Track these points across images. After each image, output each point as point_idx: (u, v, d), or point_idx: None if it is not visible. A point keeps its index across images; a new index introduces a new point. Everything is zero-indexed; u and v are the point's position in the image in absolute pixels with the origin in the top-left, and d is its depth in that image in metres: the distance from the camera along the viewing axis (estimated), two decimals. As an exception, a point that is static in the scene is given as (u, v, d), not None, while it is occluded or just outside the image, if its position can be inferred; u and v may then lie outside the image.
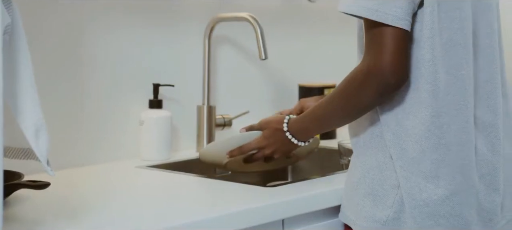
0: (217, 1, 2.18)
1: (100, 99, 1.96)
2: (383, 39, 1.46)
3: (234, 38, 2.23)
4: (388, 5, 1.45)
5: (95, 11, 1.94)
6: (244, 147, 1.72)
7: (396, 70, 1.46)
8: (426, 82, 1.50)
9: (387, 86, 1.47)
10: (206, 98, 2.12)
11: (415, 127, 1.51)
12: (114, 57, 1.98)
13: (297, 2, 2.37)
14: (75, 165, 1.90)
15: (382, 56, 1.45)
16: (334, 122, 1.61)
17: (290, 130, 1.66)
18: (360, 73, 1.49)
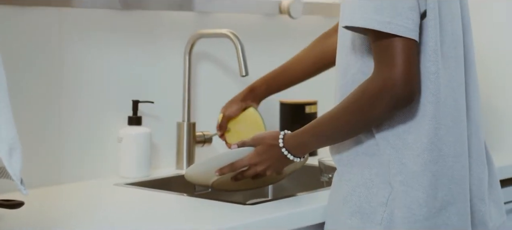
0: (197, 17, 2.17)
1: (78, 115, 1.94)
2: (395, 52, 1.45)
3: (214, 54, 2.22)
4: (400, 17, 1.44)
5: (74, 27, 1.92)
6: (236, 164, 1.67)
7: (410, 82, 1.45)
8: (431, 95, 1.50)
9: (401, 99, 1.46)
10: (187, 115, 2.10)
11: (417, 140, 1.50)
12: (92, 73, 1.96)
13: (278, 18, 2.36)
14: (52, 183, 1.87)
15: (395, 69, 1.45)
16: (339, 137, 1.57)
17: (286, 146, 1.62)
18: (372, 87, 1.47)
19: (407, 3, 1.45)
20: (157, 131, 2.07)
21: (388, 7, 1.44)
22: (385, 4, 1.45)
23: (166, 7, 2.08)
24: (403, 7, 1.45)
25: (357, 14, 1.46)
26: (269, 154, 1.65)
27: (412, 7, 1.45)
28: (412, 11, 1.45)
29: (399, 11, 1.44)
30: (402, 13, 1.44)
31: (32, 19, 1.84)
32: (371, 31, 1.46)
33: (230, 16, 2.24)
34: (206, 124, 2.17)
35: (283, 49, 2.38)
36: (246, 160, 1.67)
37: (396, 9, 1.44)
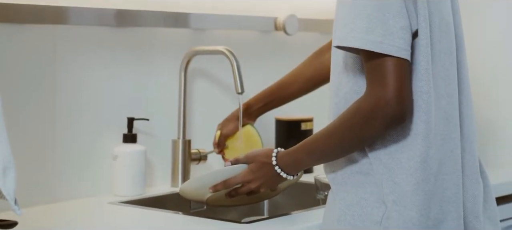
0: (193, 34, 2.16)
1: (73, 133, 1.93)
2: (387, 71, 1.45)
3: (210, 71, 2.21)
4: (391, 37, 1.44)
5: (68, 44, 1.91)
6: (229, 181, 1.67)
7: (402, 101, 1.46)
8: (423, 113, 1.50)
9: (394, 118, 1.46)
10: (182, 132, 2.09)
11: (411, 159, 1.50)
12: (87, 91, 1.95)
13: (273, 35, 2.36)
14: (46, 202, 1.86)
15: (387, 88, 1.45)
16: (333, 155, 1.56)
17: (279, 163, 1.62)
18: (365, 107, 1.47)
19: (399, 23, 1.45)
20: (152, 148, 2.06)
21: (379, 27, 1.45)
22: (376, 24, 1.45)
23: (161, 24, 2.07)
24: (394, 27, 1.45)
25: (349, 34, 1.47)
26: (262, 172, 1.64)
27: (404, 27, 1.46)
28: (403, 31, 1.45)
29: (391, 30, 1.45)
30: (393, 32, 1.45)
31: (26, 36, 1.83)
32: (363, 51, 1.47)
33: (225, 33, 2.24)
34: (202, 141, 2.16)
35: (279, 65, 2.38)
36: (239, 177, 1.66)
37: (387, 29, 1.45)
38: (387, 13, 1.45)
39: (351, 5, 1.47)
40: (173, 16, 2.09)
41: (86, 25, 1.93)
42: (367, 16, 1.45)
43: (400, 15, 1.45)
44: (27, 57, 1.84)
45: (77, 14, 1.90)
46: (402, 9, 1.46)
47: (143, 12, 2.03)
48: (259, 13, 2.31)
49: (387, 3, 1.45)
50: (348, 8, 1.47)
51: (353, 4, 1.47)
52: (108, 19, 1.96)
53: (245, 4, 2.27)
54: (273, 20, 2.33)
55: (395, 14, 1.45)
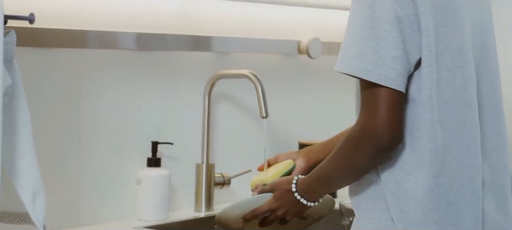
0: (216, 58, 2.16)
1: (97, 157, 1.92)
2: (376, 100, 1.45)
3: (234, 95, 2.20)
4: (382, 66, 1.44)
5: (94, 68, 1.91)
6: (257, 211, 1.69)
7: (390, 131, 1.44)
8: (427, 142, 1.48)
9: (381, 147, 1.45)
10: (205, 156, 2.08)
11: (417, 188, 1.48)
12: (112, 115, 1.95)
13: (297, 59, 2.35)
14: (70, 226, 1.85)
15: (375, 117, 1.44)
16: (336, 182, 1.59)
17: (298, 190, 1.63)
18: (354, 134, 1.48)
19: (391, 53, 1.44)
20: (176, 172, 2.05)
21: (371, 55, 1.44)
22: (368, 52, 1.44)
23: (184, 47, 2.07)
24: (386, 56, 1.44)
25: (343, 59, 1.47)
26: (285, 199, 1.65)
27: (396, 57, 1.44)
28: (395, 61, 1.44)
29: (382, 60, 1.44)
30: (385, 62, 1.44)
31: (52, 60, 1.83)
32: (359, 78, 1.46)
33: (248, 56, 2.23)
34: (226, 166, 2.15)
35: (302, 89, 2.37)
36: (266, 206, 1.68)
37: (379, 57, 1.44)
38: (381, 42, 1.44)
39: (348, 31, 1.48)
40: (196, 39, 2.09)
41: (110, 49, 1.93)
42: (360, 43, 1.45)
43: (393, 45, 1.44)
44: (53, 81, 1.84)
45: (102, 38, 1.90)
46: (397, 39, 1.44)
47: (167, 35, 2.03)
48: (283, 36, 2.30)
49: (381, 32, 1.44)
50: (346, 34, 1.48)
51: (350, 30, 1.47)
52: (132, 43, 1.96)
53: (268, 28, 2.27)
54: (297, 44, 2.32)
55: (389, 43, 1.44)
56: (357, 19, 1.46)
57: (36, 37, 1.78)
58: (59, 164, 1.85)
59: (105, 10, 1.93)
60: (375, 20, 1.44)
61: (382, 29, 1.44)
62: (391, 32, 1.44)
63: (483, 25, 1.61)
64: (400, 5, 1.45)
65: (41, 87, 1.81)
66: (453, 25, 1.51)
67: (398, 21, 1.45)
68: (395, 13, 1.44)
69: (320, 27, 2.39)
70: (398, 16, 1.45)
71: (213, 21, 2.14)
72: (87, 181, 1.90)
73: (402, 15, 1.45)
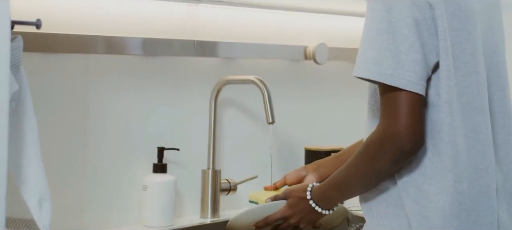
0: (222, 63, 2.15)
1: (104, 163, 1.91)
2: (397, 104, 1.44)
3: (240, 100, 2.20)
4: (402, 70, 1.43)
5: (100, 73, 1.91)
6: (270, 218, 1.68)
7: (412, 135, 1.44)
8: (447, 147, 1.47)
9: (403, 152, 1.45)
10: (212, 162, 2.07)
11: (439, 193, 1.47)
12: (118, 120, 1.94)
13: (304, 64, 2.34)
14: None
15: (397, 121, 1.44)
16: (354, 189, 1.57)
17: (313, 198, 1.62)
18: (376, 139, 1.47)
19: (410, 56, 1.44)
20: (182, 178, 2.04)
21: (390, 59, 1.44)
22: (387, 56, 1.44)
23: (191, 53, 2.06)
24: (406, 60, 1.43)
25: (361, 64, 1.46)
26: (299, 207, 1.64)
27: (416, 61, 1.44)
28: (415, 64, 1.44)
29: (402, 63, 1.43)
30: (405, 65, 1.43)
31: (58, 65, 1.83)
32: (378, 82, 1.46)
33: (254, 62, 2.22)
34: (232, 171, 2.14)
35: (308, 95, 2.36)
36: (279, 214, 1.67)
37: (399, 61, 1.43)
38: (399, 46, 1.43)
39: (364, 36, 1.47)
40: (203, 45, 2.08)
41: (117, 54, 1.92)
42: (379, 47, 1.44)
43: (412, 49, 1.44)
44: (59, 86, 1.83)
45: (108, 43, 1.90)
46: (415, 43, 1.44)
47: (173, 41, 2.03)
48: (289, 42, 2.29)
49: (400, 35, 1.44)
50: (363, 39, 1.47)
51: (367, 35, 1.46)
52: (138, 48, 1.96)
53: (274, 33, 2.26)
54: (303, 49, 2.32)
55: (408, 47, 1.44)
56: (374, 24, 1.45)
57: (43, 42, 1.78)
58: (65, 169, 1.85)
59: (112, 16, 1.92)
60: (393, 24, 1.44)
61: (401, 33, 1.43)
62: (409, 36, 1.44)
63: (494, 30, 1.60)
64: (418, 9, 1.45)
65: (47, 92, 1.81)
66: (466, 29, 1.51)
67: (416, 24, 1.44)
68: (413, 17, 1.44)
69: (326, 32, 2.38)
70: (416, 19, 1.44)
71: (219, 27, 2.14)
72: (93, 186, 1.90)
73: (420, 18, 1.44)
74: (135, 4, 1.96)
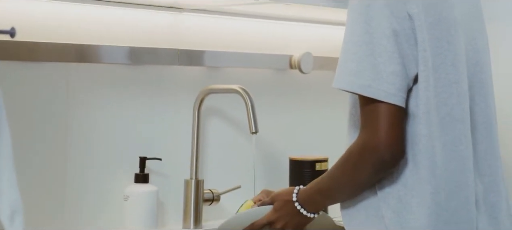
0: (207, 72, 2.14)
1: (84, 172, 1.90)
2: (377, 116, 1.44)
3: (224, 110, 2.18)
4: (380, 81, 1.43)
5: (82, 82, 1.89)
6: (256, 224, 1.67)
7: (392, 146, 1.44)
8: (425, 158, 1.47)
9: (383, 163, 1.44)
10: (194, 172, 2.05)
11: (418, 205, 1.47)
12: (100, 130, 1.92)
13: (288, 73, 2.33)
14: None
15: (376, 133, 1.43)
16: (337, 196, 1.58)
17: (299, 200, 1.62)
18: (356, 150, 1.47)
19: (389, 67, 1.43)
20: (164, 188, 2.03)
21: (369, 71, 1.43)
22: (366, 67, 1.44)
23: (175, 62, 2.05)
24: (385, 71, 1.43)
25: (340, 76, 1.46)
26: (285, 210, 1.64)
27: (395, 72, 1.44)
28: (394, 76, 1.43)
29: (381, 75, 1.43)
30: (383, 77, 1.43)
31: (39, 74, 1.81)
32: (357, 94, 1.45)
33: (240, 71, 2.21)
34: (215, 182, 2.12)
35: (294, 104, 2.35)
36: (265, 219, 1.67)
37: (377, 73, 1.43)
38: (378, 57, 1.43)
39: (344, 47, 1.47)
40: (187, 54, 2.07)
41: (99, 63, 1.91)
42: (358, 59, 1.44)
43: (391, 60, 1.43)
44: (40, 95, 1.82)
45: (91, 52, 1.88)
46: (394, 54, 1.44)
47: (157, 49, 2.01)
48: (274, 51, 2.28)
49: (379, 47, 1.43)
50: (343, 51, 1.47)
51: (347, 47, 1.46)
52: (121, 57, 1.94)
53: (260, 42, 2.25)
54: (288, 58, 2.30)
55: (387, 58, 1.43)
56: (354, 35, 1.45)
57: (24, 51, 1.77)
58: (45, 179, 1.83)
59: (94, 24, 1.91)
60: (372, 35, 1.43)
61: (380, 44, 1.43)
62: (388, 47, 1.43)
63: (477, 41, 1.60)
64: (397, 20, 1.44)
65: (26, 103, 1.79)
66: (447, 40, 1.50)
67: (395, 35, 1.44)
68: (392, 28, 1.43)
69: (312, 42, 2.37)
70: (395, 30, 1.44)
71: (203, 36, 2.12)
72: (75, 196, 1.88)
73: (399, 29, 1.44)
74: (117, 12, 1.95)
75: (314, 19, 2.33)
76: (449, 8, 1.52)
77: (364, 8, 1.45)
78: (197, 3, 2.01)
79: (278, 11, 2.17)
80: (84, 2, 1.88)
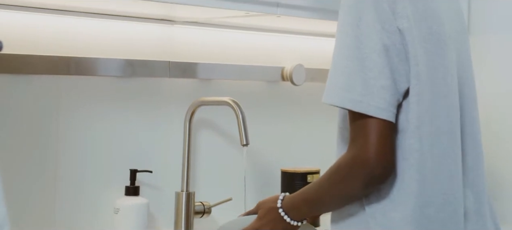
0: (198, 84, 2.14)
1: (75, 185, 1.89)
2: (367, 130, 1.43)
3: (215, 122, 2.18)
4: (371, 96, 1.42)
5: (72, 95, 1.89)
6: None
7: (382, 162, 1.43)
8: (415, 172, 1.47)
9: (373, 178, 1.44)
10: (185, 184, 2.05)
11: (404, 218, 1.46)
12: (90, 141, 1.92)
13: (281, 85, 2.33)
14: (46, 256, 1.82)
15: (367, 148, 1.43)
16: (323, 207, 1.58)
17: (283, 207, 1.61)
18: (345, 164, 1.46)
19: (379, 82, 1.43)
20: (155, 200, 2.02)
21: (359, 86, 1.43)
22: (356, 82, 1.43)
23: (166, 74, 2.04)
24: (375, 86, 1.43)
25: (330, 91, 1.46)
26: (268, 217, 1.63)
27: (385, 86, 1.43)
28: (384, 91, 1.43)
29: (371, 90, 1.43)
30: (374, 92, 1.43)
31: (29, 87, 1.81)
32: (347, 108, 1.45)
33: (231, 83, 2.21)
34: (206, 194, 2.12)
35: (286, 116, 2.35)
36: (249, 227, 1.66)
37: (367, 88, 1.43)
38: (369, 72, 1.43)
39: (334, 62, 1.47)
40: (178, 66, 2.07)
41: (90, 75, 1.91)
42: (348, 74, 1.44)
43: (382, 75, 1.43)
44: (30, 108, 1.81)
45: (80, 64, 1.88)
46: (385, 69, 1.43)
47: (148, 62, 2.01)
48: (266, 63, 2.28)
49: (369, 61, 1.43)
50: (333, 65, 1.47)
51: (337, 62, 1.46)
52: (113, 69, 1.94)
53: (251, 54, 2.25)
54: (280, 70, 2.30)
55: (377, 73, 1.43)
56: (344, 50, 1.45)
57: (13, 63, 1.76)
58: (36, 192, 1.82)
59: (84, 36, 1.91)
60: (362, 50, 1.43)
61: (370, 59, 1.43)
62: (379, 62, 1.43)
63: (463, 54, 1.60)
64: (387, 35, 1.44)
65: (16, 115, 1.79)
66: (438, 54, 1.50)
67: (385, 50, 1.43)
68: (382, 43, 1.43)
69: (303, 54, 2.37)
70: (386, 45, 1.43)
71: (195, 48, 2.12)
72: (65, 209, 1.87)
73: (389, 44, 1.44)
74: (108, 25, 1.95)
75: (305, 31, 2.33)
76: (439, 22, 1.53)
77: (355, 22, 1.45)
78: (189, 15, 2.01)
79: (270, 23, 2.17)
80: (75, 14, 1.88)
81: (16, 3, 1.77)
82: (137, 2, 1.75)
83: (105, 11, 1.91)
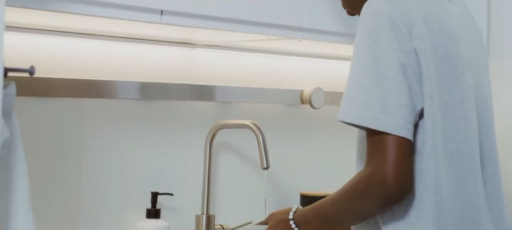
0: (218, 107, 2.14)
1: (97, 208, 1.89)
2: (385, 148, 1.42)
3: (235, 145, 2.18)
4: (389, 114, 1.42)
5: (94, 118, 1.90)
6: None
7: (399, 180, 1.42)
8: (432, 194, 1.46)
9: (390, 197, 1.42)
10: (206, 207, 2.05)
11: None
12: (112, 164, 1.93)
13: (299, 108, 2.34)
14: (68, 278, 1.82)
15: (385, 166, 1.41)
16: (337, 223, 1.56)
17: (295, 219, 1.61)
18: (363, 182, 1.45)
19: (398, 100, 1.43)
20: (175, 223, 2.02)
21: (377, 104, 1.42)
22: (375, 100, 1.43)
23: (187, 97, 2.05)
24: (393, 104, 1.42)
25: (347, 109, 1.45)
26: (279, 228, 1.64)
27: (403, 105, 1.43)
28: (403, 109, 1.42)
29: (389, 108, 1.42)
30: (392, 110, 1.42)
31: (53, 110, 1.82)
32: (365, 127, 1.44)
33: (251, 106, 2.21)
34: (226, 217, 2.12)
35: (305, 139, 2.35)
36: None
37: (386, 106, 1.42)
38: (387, 90, 1.42)
39: (351, 81, 1.46)
40: (199, 89, 2.08)
41: (113, 98, 1.92)
42: (366, 92, 1.43)
43: (400, 93, 1.43)
44: (52, 130, 1.82)
45: (103, 88, 1.89)
46: (403, 87, 1.43)
47: (169, 85, 2.02)
48: (285, 86, 2.29)
49: (387, 80, 1.43)
50: (350, 84, 1.46)
51: (354, 81, 1.45)
52: (133, 92, 1.95)
53: (271, 77, 2.26)
54: (299, 93, 2.31)
55: (396, 92, 1.42)
56: (361, 69, 1.45)
57: (38, 87, 1.77)
58: (58, 214, 1.83)
59: (106, 60, 1.92)
60: (380, 69, 1.43)
61: (388, 78, 1.42)
62: (397, 80, 1.43)
63: (482, 78, 1.60)
64: (404, 54, 1.44)
65: (39, 138, 1.80)
66: (455, 76, 1.50)
67: (403, 69, 1.43)
68: (400, 62, 1.43)
69: (322, 77, 2.38)
70: (403, 64, 1.44)
71: (215, 71, 2.13)
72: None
73: (406, 63, 1.44)
74: (130, 48, 1.96)
75: (325, 54, 2.34)
76: (456, 45, 1.53)
77: (372, 42, 1.45)
78: (209, 39, 2.02)
79: (289, 47, 2.18)
80: (97, 38, 1.89)
81: (40, 27, 1.78)
82: (159, 26, 1.76)
83: (128, 35, 1.93)
